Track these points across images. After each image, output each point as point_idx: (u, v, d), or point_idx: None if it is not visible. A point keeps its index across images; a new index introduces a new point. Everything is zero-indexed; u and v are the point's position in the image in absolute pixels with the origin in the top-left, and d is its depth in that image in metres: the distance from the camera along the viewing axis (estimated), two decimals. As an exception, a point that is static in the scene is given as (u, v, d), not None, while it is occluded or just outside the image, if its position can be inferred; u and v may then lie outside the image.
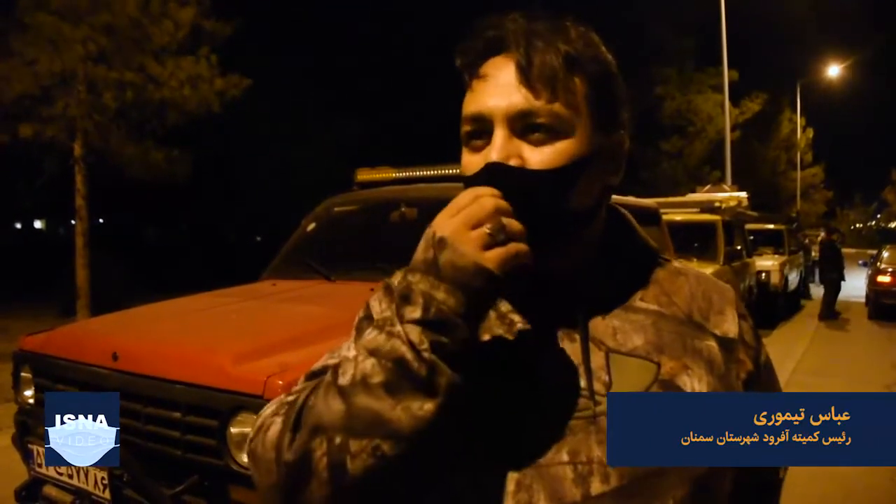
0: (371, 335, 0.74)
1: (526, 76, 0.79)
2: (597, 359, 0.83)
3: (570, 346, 0.83)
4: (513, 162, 0.79)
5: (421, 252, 0.74)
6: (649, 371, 0.82)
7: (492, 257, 0.71)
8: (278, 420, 0.78)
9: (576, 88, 0.81)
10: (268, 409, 0.82)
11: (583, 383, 0.81)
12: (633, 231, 0.96)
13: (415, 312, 0.71)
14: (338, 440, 0.71)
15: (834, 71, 31.50)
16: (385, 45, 29.21)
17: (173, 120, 10.28)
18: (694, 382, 0.83)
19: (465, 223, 0.72)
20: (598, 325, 0.85)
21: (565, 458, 0.78)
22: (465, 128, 0.84)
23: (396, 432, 0.70)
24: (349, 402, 0.71)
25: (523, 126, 0.80)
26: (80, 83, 9.55)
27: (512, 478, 0.78)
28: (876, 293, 13.27)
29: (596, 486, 0.77)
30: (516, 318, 0.86)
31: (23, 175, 15.56)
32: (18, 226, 31.22)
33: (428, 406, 0.70)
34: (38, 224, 33.20)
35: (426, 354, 0.70)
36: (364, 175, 4.72)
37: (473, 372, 0.73)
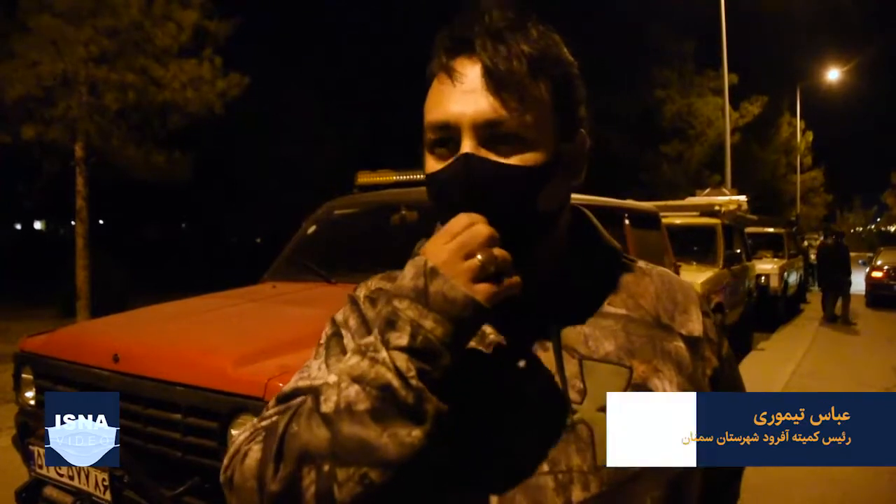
0: (352, 361, 0.73)
1: (493, 83, 0.78)
2: (570, 367, 0.83)
3: (544, 356, 0.84)
4: None
5: (410, 279, 0.73)
6: (622, 376, 0.83)
7: (482, 290, 0.71)
8: (256, 448, 0.76)
9: (541, 95, 0.81)
10: (241, 436, 0.81)
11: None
12: (597, 232, 0.96)
13: (401, 339, 0.71)
14: (325, 468, 0.71)
15: (833, 74, 31.53)
16: (389, 46, 29.24)
17: (175, 122, 10.29)
18: (665, 384, 0.84)
19: (457, 252, 0.72)
20: (570, 333, 0.85)
21: (545, 467, 0.78)
22: (430, 135, 0.82)
23: (384, 460, 0.69)
24: (335, 429, 0.71)
25: (490, 135, 0.79)
26: (82, 85, 9.57)
27: (494, 490, 0.78)
28: (872, 286, 16.79)
29: (577, 494, 0.77)
30: (488, 329, 0.85)
31: (23, 176, 15.58)
32: (19, 226, 31.25)
33: (416, 433, 0.70)
34: (38, 225, 33.23)
35: (413, 382, 0.70)
36: (364, 178, 4.73)
37: (453, 398, 0.73)
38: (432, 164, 0.83)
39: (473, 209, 0.77)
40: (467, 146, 0.78)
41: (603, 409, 0.79)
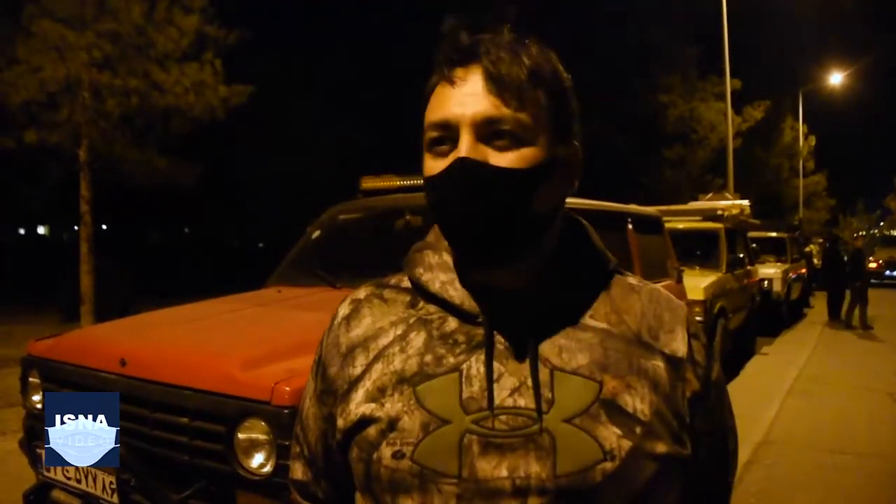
0: None
1: (494, 85, 0.82)
2: (541, 376, 0.83)
3: (518, 364, 0.84)
4: None
5: None
6: (591, 390, 0.83)
7: None
8: None
9: (538, 100, 0.84)
10: None
11: (524, 402, 0.82)
12: (590, 242, 0.97)
13: None
14: None
15: (836, 78, 31.51)
16: (388, 52, 29.30)
17: (177, 126, 10.31)
18: (636, 402, 0.83)
19: None
20: (546, 343, 0.86)
21: (504, 473, 0.79)
22: (431, 134, 0.85)
23: None
24: None
25: (489, 132, 0.82)
26: (84, 90, 9.59)
27: (452, 494, 0.80)
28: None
29: (533, 501, 0.79)
30: (461, 338, 0.87)
31: (27, 181, 15.62)
32: (22, 231, 31.30)
33: None
34: (41, 229, 33.28)
35: None
36: (369, 183, 4.75)
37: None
38: (431, 164, 0.86)
39: (469, 211, 0.81)
40: (465, 143, 0.81)
41: (568, 420, 0.81)
